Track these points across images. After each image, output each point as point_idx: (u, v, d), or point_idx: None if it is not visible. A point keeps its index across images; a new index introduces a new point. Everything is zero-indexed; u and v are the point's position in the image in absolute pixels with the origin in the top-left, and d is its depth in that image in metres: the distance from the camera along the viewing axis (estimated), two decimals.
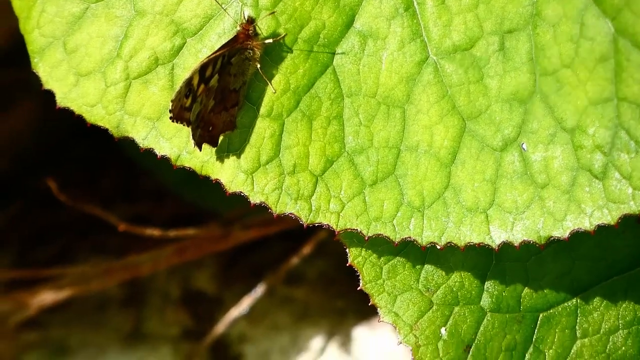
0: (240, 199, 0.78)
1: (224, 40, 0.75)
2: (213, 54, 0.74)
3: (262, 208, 0.77)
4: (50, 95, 0.77)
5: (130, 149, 0.82)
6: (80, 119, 0.77)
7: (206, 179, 0.76)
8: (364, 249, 0.79)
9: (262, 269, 1.24)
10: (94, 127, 0.77)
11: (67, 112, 0.77)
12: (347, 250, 0.78)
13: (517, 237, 0.74)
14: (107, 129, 0.75)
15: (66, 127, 1.26)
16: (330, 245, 1.21)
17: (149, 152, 0.77)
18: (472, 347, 0.79)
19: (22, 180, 1.33)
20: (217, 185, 0.77)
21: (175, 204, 1.32)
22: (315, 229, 0.77)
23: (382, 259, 0.78)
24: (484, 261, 0.78)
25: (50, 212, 1.29)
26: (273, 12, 0.75)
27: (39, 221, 1.31)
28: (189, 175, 0.79)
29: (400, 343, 0.78)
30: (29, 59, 0.77)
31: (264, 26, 0.75)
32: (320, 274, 1.26)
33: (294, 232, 1.09)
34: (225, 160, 0.75)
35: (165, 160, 0.77)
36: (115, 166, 1.37)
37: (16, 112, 1.31)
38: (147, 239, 1.09)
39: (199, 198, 1.25)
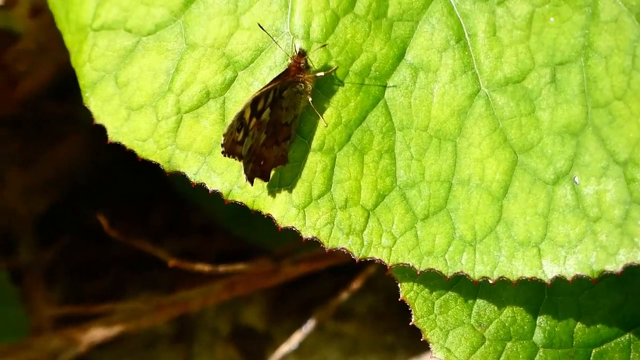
0: (290, 234, 0.85)
1: (275, 74, 0.83)
2: (265, 87, 0.81)
3: (312, 242, 0.84)
4: (99, 128, 0.86)
5: (179, 183, 0.91)
6: (129, 153, 0.86)
7: (257, 213, 0.85)
8: (415, 284, 0.87)
9: (312, 304, 1.33)
10: (143, 161, 0.85)
11: (117, 146, 0.85)
12: (398, 284, 0.87)
13: (570, 271, 0.81)
14: (158, 164, 0.86)
15: (115, 160, 1.36)
16: (379, 280, 1.30)
17: (198, 187, 0.84)
18: None
19: (71, 214, 1.43)
20: (266, 219, 0.84)
21: (224, 239, 1.41)
22: (364, 263, 0.87)
23: (434, 293, 0.87)
24: (536, 295, 0.86)
25: (100, 247, 1.38)
26: (324, 45, 0.82)
27: (89, 256, 1.41)
28: (238, 210, 0.87)
29: None
30: (77, 93, 0.86)
31: (315, 59, 0.83)
32: (370, 309, 1.35)
33: (343, 267, 1.18)
34: (277, 194, 0.83)
35: (214, 194, 0.84)
36: (164, 200, 1.46)
37: (65, 146, 1.41)
38: (196, 274, 1.18)
39: (247, 233, 1.34)
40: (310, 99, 0.83)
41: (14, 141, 1.38)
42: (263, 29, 0.82)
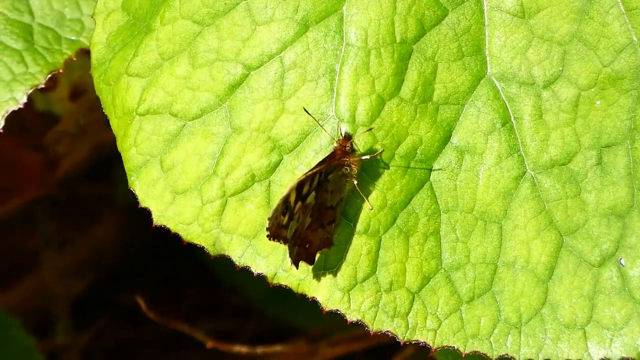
0: (327, 315, 0.97)
1: (320, 157, 0.96)
2: (310, 171, 0.93)
3: (352, 324, 0.96)
4: (133, 209, 1.02)
5: (214, 264, 1.07)
6: (164, 234, 1.00)
7: (302, 296, 0.97)
8: None
9: None
10: (177, 242, 0.98)
11: (151, 227, 0.98)
12: None
13: (616, 353, 0.94)
14: (203, 247, 1.01)
15: (149, 242, 1.53)
16: None
17: (231, 268, 0.98)
18: None
19: (107, 295, 1.60)
20: (302, 300, 0.97)
21: (259, 319, 1.57)
22: (399, 343, 1.01)
23: None
24: None
25: (135, 328, 1.55)
26: (370, 129, 0.96)
27: (125, 337, 1.57)
28: (273, 290, 0.99)
29: None
30: (112, 174, 1.02)
31: (361, 142, 0.96)
32: None
33: (380, 348, 1.34)
34: (322, 278, 0.96)
35: (248, 275, 0.97)
36: (197, 282, 1.60)
37: (101, 227, 1.58)
38: (232, 355, 1.35)
39: (282, 313, 1.50)
40: (355, 182, 0.96)
41: (52, 222, 1.56)
42: (308, 113, 0.97)
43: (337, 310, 0.97)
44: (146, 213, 0.99)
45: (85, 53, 1.09)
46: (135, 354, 1.61)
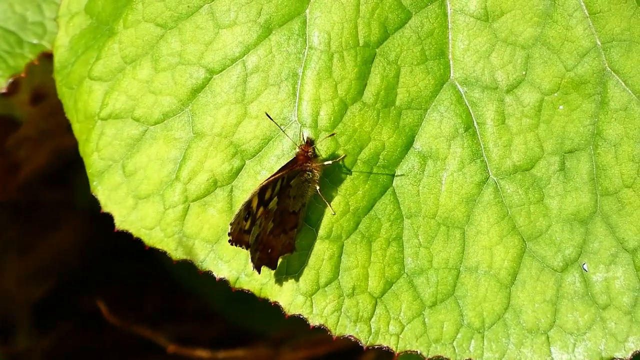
0: (289, 319, 1.00)
1: (283, 162, 0.98)
2: (272, 176, 0.95)
3: (314, 328, 0.99)
4: (94, 213, 1.05)
5: (175, 268, 1.10)
6: (125, 239, 1.03)
7: (262, 303, 1.03)
8: None
9: None
10: (139, 247, 1.01)
11: (112, 231, 1.00)
12: None
13: (579, 358, 0.96)
14: (165, 252, 1.04)
15: (111, 246, 1.56)
16: None
17: (193, 272, 1.01)
18: None
19: (68, 299, 1.63)
20: (264, 304, 0.99)
21: (221, 324, 1.59)
22: (363, 348, 1.04)
23: None
24: None
25: (96, 332, 1.59)
26: (333, 134, 0.98)
27: (86, 341, 1.60)
28: (235, 295, 1.01)
29: None
30: (73, 179, 1.05)
31: (323, 148, 0.98)
32: None
33: (342, 352, 1.37)
34: (284, 282, 0.98)
35: (210, 280, 0.99)
36: (159, 286, 1.63)
37: (61, 231, 1.61)
38: (194, 359, 1.38)
39: (245, 318, 1.53)
40: (318, 188, 0.98)
41: (12, 227, 1.58)
42: (270, 118, 0.99)
43: (300, 315, 1.00)
44: (108, 218, 1.02)
45: (47, 57, 1.11)
46: (95, 358, 1.65)
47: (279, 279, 1.00)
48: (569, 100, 0.98)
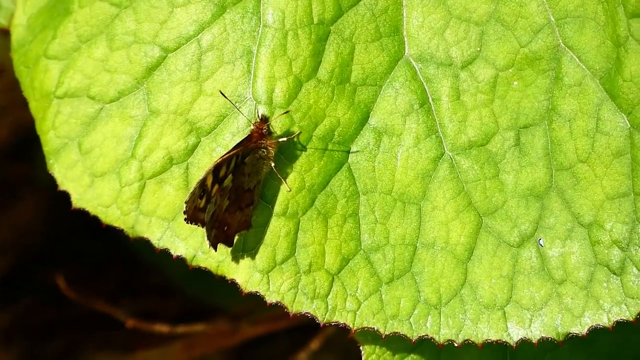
0: (248, 294, 1.03)
1: (237, 139, 1.01)
2: (227, 153, 0.98)
3: (272, 305, 1.02)
4: (54, 189, 1.03)
5: (135, 244, 1.13)
6: (85, 215, 1.04)
7: (222, 278, 1.06)
8: (378, 347, 1.06)
9: None
10: (99, 223, 1.04)
11: (71, 207, 1.04)
12: (359, 346, 1.09)
13: (535, 334, 1.00)
14: (122, 229, 1.08)
15: (71, 222, 1.59)
16: (337, 340, 1.52)
17: (153, 248, 1.03)
18: None
19: (28, 275, 1.68)
20: (223, 280, 1.02)
21: (181, 299, 1.64)
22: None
23: (396, 356, 1.07)
24: (499, 358, 1.07)
25: (56, 308, 1.62)
26: (287, 111, 1.01)
27: (46, 317, 1.64)
28: (194, 270, 1.05)
29: None
30: (33, 154, 1.08)
31: (278, 124, 1.02)
32: None
33: (302, 327, 1.41)
34: (241, 260, 1.02)
35: (169, 255, 1.02)
36: (120, 261, 1.68)
37: (21, 207, 1.65)
38: (154, 335, 1.41)
39: (205, 293, 1.57)
40: (273, 165, 1.02)
41: None
42: (225, 96, 1.03)
43: (257, 292, 1.03)
44: (67, 194, 1.06)
45: (4, 33, 1.14)
46: (58, 334, 1.69)
47: (236, 257, 1.04)
48: (524, 76, 1.02)
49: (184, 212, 1.00)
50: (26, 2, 1.10)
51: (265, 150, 1.02)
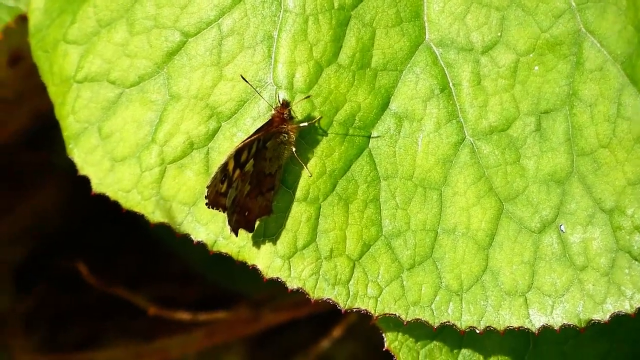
0: (269, 280, 1.03)
1: (258, 124, 1.02)
2: (248, 138, 0.99)
3: (293, 291, 1.02)
4: (73, 176, 1.04)
5: (155, 230, 1.13)
6: (104, 201, 1.05)
7: (242, 264, 1.06)
8: (400, 333, 1.07)
9: (291, 351, 1.55)
10: (119, 208, 1.04)
11: (91, 193, 1.04)
12: (382, 333, 1.09)
13: (557, 320, 1.00)
14: (142, 215, 1.09)
15: (90, 208, 1.60)
16: (360, 327, 1.53)
17: (173, 234, 1.03)
18: None
19: (49, 261, 1.68)
20: (244, 266, 1.03)
21: (201, 285, 1.64)
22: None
23: (419, 343, 1.08)
24: (521, 344, 1.06)
25: (77, 294, 1.63)
26: (308, 96, 1.02)
27: (67, 303, 1.64)
28: (215, 256, 1.05)
29: None
30: (52, 141, 1.08)
31: (299, 109, 1.03)
32: (350, 357, 1.56)
33: (324, 314, 1.41)
34: (262, 245, 1.02)
35: (189, 241, 1.03)
36: (139, 247, 1.68)
37: (40, 193, 1.66)
38: (174, 322, 1.42)
39: (225, 279, 1.57)
40: (294, 149, 1.02)
41: None
42: (246, 80, 1.03)
43: (278, 278, 1.04)
44: (86, 180, 1.06)
45: (23, 19, 1.15)
46: (77, 321, 1.69)
47: (257, 242, 1.04)
48: (545, 61, 1.03)
49: (206, 197, 1.00)
50: None
51: (286, 135, 1.03)
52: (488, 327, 1.02)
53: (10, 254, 1.68)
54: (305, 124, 1.02)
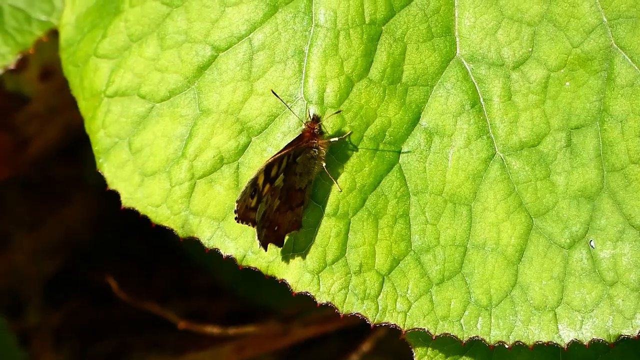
0: (298, 295, 1.04)
1: (289, 139, 1.03)
2: (278, 153, 1.00)
3: (322, 306, 1.03)
4: (103, 190, 1.05)
5: (184, 244, 1.14)
6: (134, 215, 1.06)
7: (271, 278, 1.05)
8: (429, 348, 1.07)
9: None
10: (148, 222, 1.05)
11: (120, 207, 1.05)
12: (411, 348, 1.09)
13: (587, 335, 1.01)
14: (171, 229, 1.09)
15: (121, 222, 1.61)
16: (389, 342, 1.53)
17: (202, 248, 1.04)
18: None
19: (79, 275, 1.70)
20: (273, 280, 1.04)
21: (230, 300, 1.66)
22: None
23: (448, 358, 1.08)
24: (550, 359, 1.10)
25: (107, 308, 1.64)
26: (339, 111, 1.03)
27: (96, 317, 1.66)
28: (244, 270, 1.06)
29: None
30: (83, 155, 1.09)
31: (329, 124, 1.03)
32: None
33: (353, 328, 1.42)
34: (291, 260, 1.03)
35: (219, 255, 1.04)
36: (168, 261, 1.69)
37: (72, 207, 1.67)
38: (204, 336, 1.43)
39: (254, 294, 1.59)
40: (324, 164, 1.03)
41: (23, 203, 1.64)
42: (277, 95, 1.04)
43: (307, 292, 1.04)
44: (116, 194, 1.07)
45: (55, 34, 1.16)
46: (107, 335, 1.70)
47: (286, 257, 1.05)
48: (576, 76, 1.03)
49: (235, 212, 1.01)
50: (75, 1, 1.11)
51: (316, 150, 1.04)
52: (517, 342, 1.03)
53: (41, 267, 1.70)
54: (336, 139, 1.03)
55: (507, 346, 1.03)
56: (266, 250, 1.04)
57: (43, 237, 1.69)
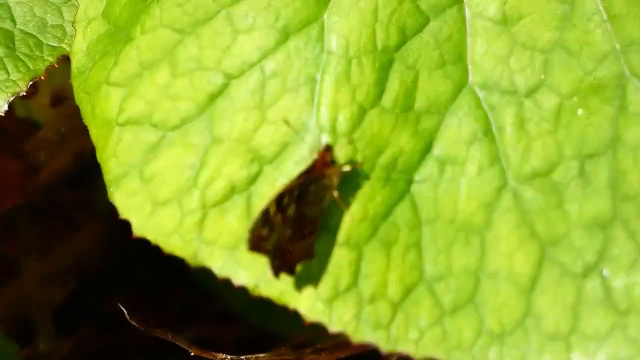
0: (310, 323, 1.04)
1: (300, 168, 1.03)
2: (290, 182, 1.02)
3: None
4: (113, 217, 1.05)
5: (196, 271, 1.13)
6: (143, 242, 1.06)
7: (284, 307, 1.06)
8: None
9: None
10: (159, 249, 1.05)
11: (131, 234, 1.06)
12: None
13: None
14: (183, 259, 1.09)
15: (131, 248, 1.63)
16: None
17: (214, 275, 1.04)
18: None
19: (89, 302, 1.70)
20: (285, 308, 1.03)
21: (242, 326, 1.66)
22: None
23: None
24: None
25: (117, 335, 1.65)
26: (351, 140, 1.03)
27: (107, 344, 1.67)
28: (256, 297, 1.05)
29: None
30: (93, 181, 1.10)
31: (341, 153, 1.04)
32: None
33: (365, 356, 1.43)
34: (303, 289, 1.03)
35: (230, 283, 1.04)
36: (180, 288, 1.70)
37: (82, 234, 1.68)
38: None
39: (265, 320, 1.60)
40: (336, 193, 1.04)
41: (32, 229, 1.65)
42: (288, 124, 1.05)
43: (319, 321, 1.05)
44: (127, 221, 1.07)
45: (66, 59, 1.17)
46: None
47: (298, 285, 1.05)
48: (588, 104, 1.03)
49: (247, 241, 1.01)
50: (86, 28, 1.12)
51: (328, 179, 1.04)
52: None
53: (50, 294, 1.70)
54: (348, 168, 1.05)
55: None
56: (278, 279, 1.04)
57: (52, 264, 1.69)
